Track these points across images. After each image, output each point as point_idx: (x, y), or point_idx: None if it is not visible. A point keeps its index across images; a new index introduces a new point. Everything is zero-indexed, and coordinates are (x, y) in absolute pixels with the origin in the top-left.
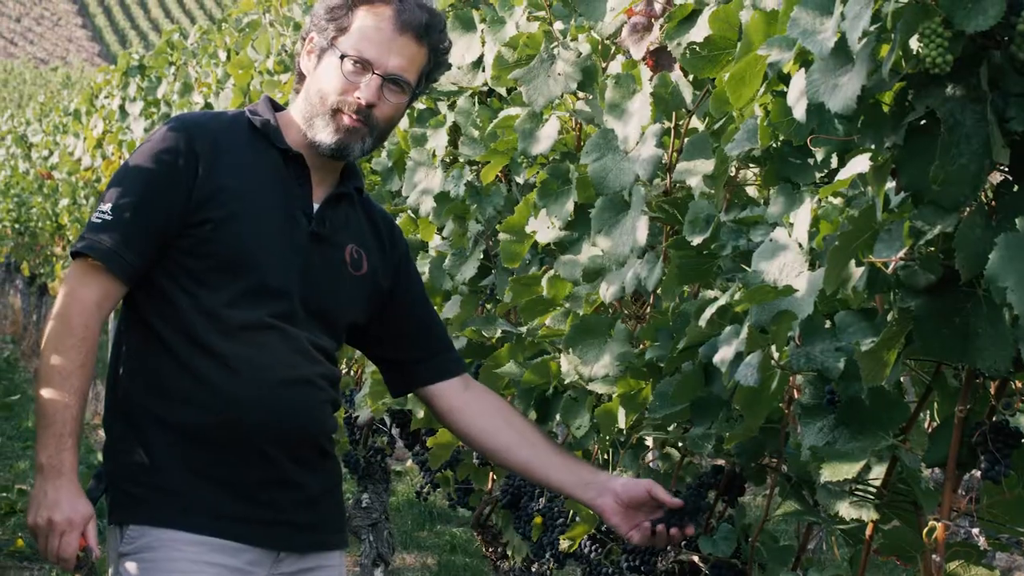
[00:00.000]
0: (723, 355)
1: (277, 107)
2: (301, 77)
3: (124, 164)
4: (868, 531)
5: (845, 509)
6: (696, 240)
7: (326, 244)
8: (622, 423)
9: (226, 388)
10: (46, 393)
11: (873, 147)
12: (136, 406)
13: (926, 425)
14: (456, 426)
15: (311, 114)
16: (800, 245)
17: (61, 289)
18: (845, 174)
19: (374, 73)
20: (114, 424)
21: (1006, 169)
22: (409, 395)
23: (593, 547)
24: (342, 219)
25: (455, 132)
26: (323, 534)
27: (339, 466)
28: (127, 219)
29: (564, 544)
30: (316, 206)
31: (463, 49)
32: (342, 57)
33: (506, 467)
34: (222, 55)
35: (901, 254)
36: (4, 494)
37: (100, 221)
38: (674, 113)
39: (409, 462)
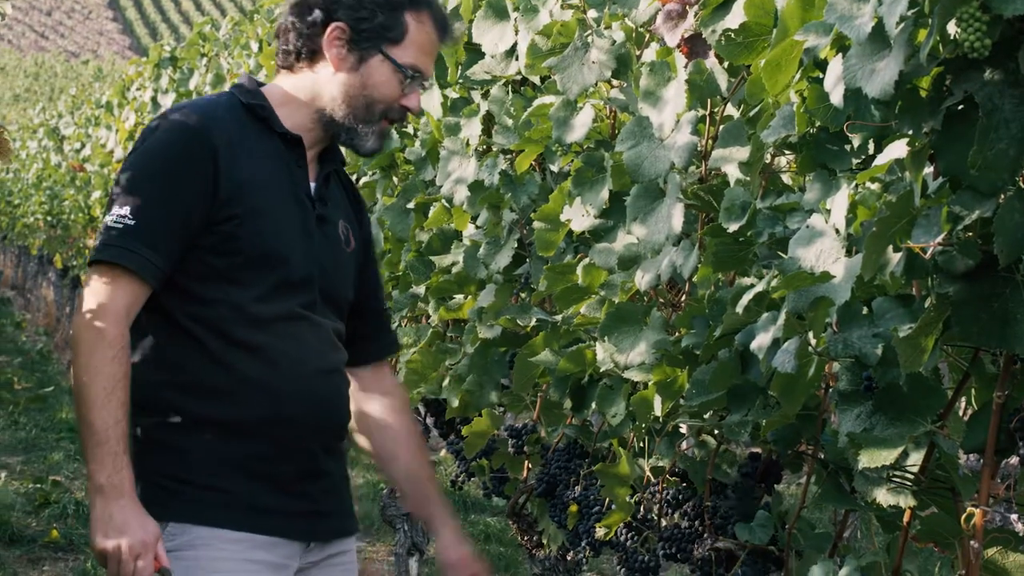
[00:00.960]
0: (760, 342)
1: (258, 84)
2: (312, 56)
3: (135, 163)
4: (905, 518)
5: (882, 496)
6: (732, 227)
7: (327, 224)
8: (658, 411)
9: (265, 382)
10: (93, 411)
11: (911, 132)
12: (165, 401)
13: (963, 411)
14: (360, 407)
15: (353, 118)
16: (837, 231)
17: (87, 298)
18: (883, 160)
19: (424, 84)
20: (140, 418)
21: None
22: (445, 384)
23: (629, 535)
24: (333, 197)
25: (489, 121)
26: (344, 520)
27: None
28: (153, 223)
29: (600, 532)
30: (312, 186)
31: (496, 38)
32: (403, 70)
33: (386, 472)
34: (254, 46)
35: (939, 239)
36: (38, 485)
37: (123, 226)
38: (709, 100)
39: (443, 452)
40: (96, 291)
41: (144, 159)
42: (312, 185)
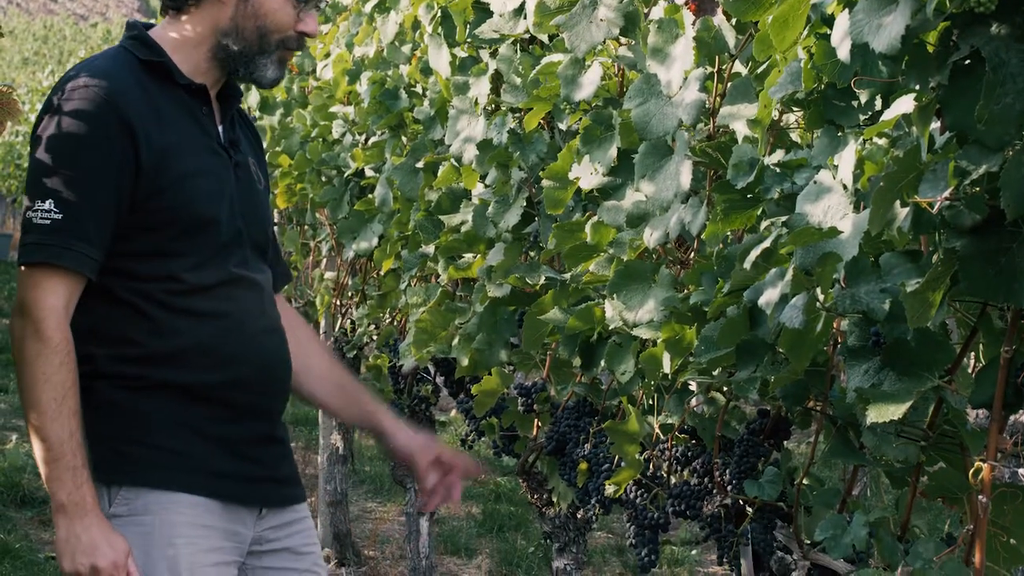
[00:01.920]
0: (768, 298)
1: (148, 29)
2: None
3: (48, 147)
4: (914, 473)
5: (891, 451)
6: (740, 184)
7: (241, 168)
8: (667, 368)
9: (212, 346)
10: (45, 424)
11: (918, 87)
12: (121, 371)
13: (971, 367)
14: None
15: (248, 52)
16: (845, 187)
17: (24, 302)
18: (889, 115)
19: (317, 6)
20: (97, 385)
21: None
22: (454, 343)
23: (639, 492)
24: (240, 137)
25: (497, 80)
26: (296, 487)
27: None
28: (81, 213)
29: (610, 490)
30: (220, 130)
31: None
32: None
33: (304, 395)
34: None
35: (946, 194)
36: None
37: (50, 222)
38: (717, 57)
39: (453, 412)
40: (33, 295)
41: (58, 143)
42: (220, 130)
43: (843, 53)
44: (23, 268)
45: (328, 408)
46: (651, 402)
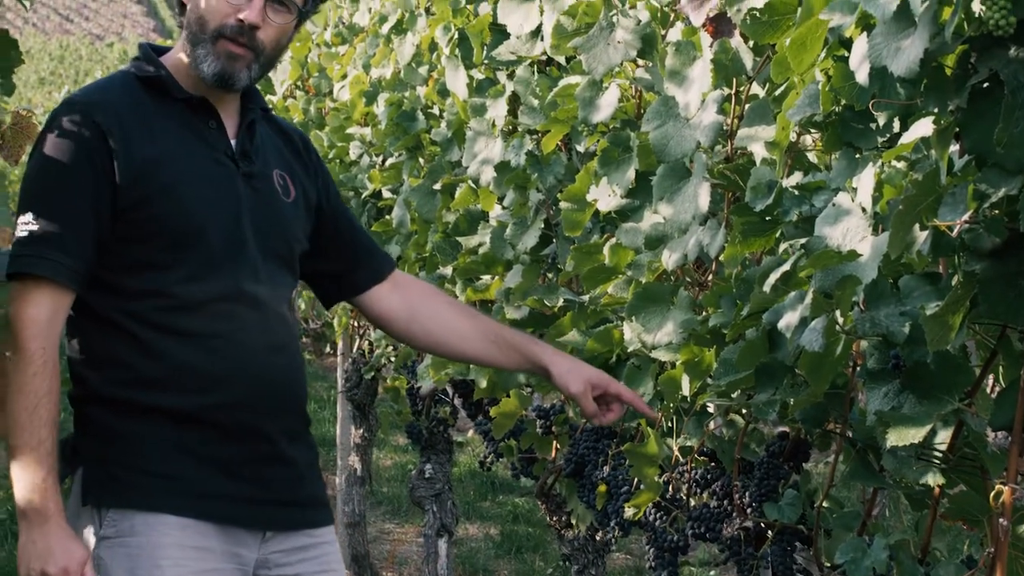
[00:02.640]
0: (788, 321)
1: (160, 50)
2: (182, 7)
3: (30, 164)
4: (934, 496)
5: (911, 474)
6: (759, 206)
7: (257, 179)
8: (686, 390)
9: (202, 368)
10: (15, 431)
11: (936, 111)
12: (107, 393)
13: (991, 389)
14: (400, 328)
15: (193, 42)
16: (864, 210)
17: (7, 311)
18: (908, 138)
19: None
20: (88, 408)
21: None
22: (472, 365)
23: (658, 515)
24: (260, 147)
25: (515, 102)
26: (309, 510)
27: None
28: (56, 223)
29: (629, 512)
30: (233, 143)
31: (522, 18)
32: None
33: (462, 359)
34: None
35: (966, 217)
36: None
37: (27, 234)
38: (735, 79)
39: (470, 432)
40: (12, 306)
41: (38, 159)
42: (233, 142)
43: (861, 76)
44: (8, 280)
45: (490, 364)
46: (670, 424)
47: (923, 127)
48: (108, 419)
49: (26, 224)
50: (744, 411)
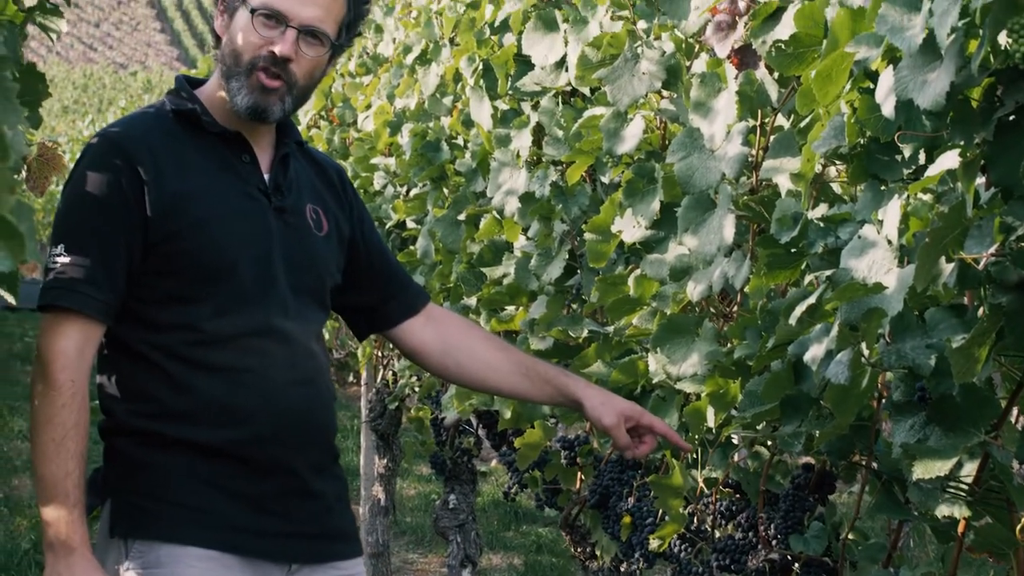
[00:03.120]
0: (814, 353)
1: (195, 82)
2: (217, 40)
3: (63, 196)
4: (960, 528)
5: (937, 506)
6: (784, 238)
7: (289, 214)
8: (711, 422)
9: (229, 403)
10: (43, 463)
11: (962, 143)
12: (137, 426)
13: (1017, 421)
14: (434, 362)
15: (227, 75)
16: (889, 242)
17: (38, 344)
18: (934, 170)
19: (288, 26)
20: (117, 440)
21: None
22: (497, 396)
23: (683, 546)
24: (294, 181)
25: (539, 132)
26: (337, 542)
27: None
28: (87, 256)
29: (654, 543)
30: (266, 177)
31: (546, 49)
32: (253, 12)
33: (495, 393)
34: None
35: (992, 250)
36: None
37: (58, 266)
38: (759, 111)
39: (493, 462)
40: (42, 338)
41: (69, 191)
42: (266, 176)
43: (887, 109)
44: (40, 312)
45: (522, 397)
46: (695, 456)
47: (949, 160)
48: (135, 450)
49: (57, 256)
50: (769, 443)
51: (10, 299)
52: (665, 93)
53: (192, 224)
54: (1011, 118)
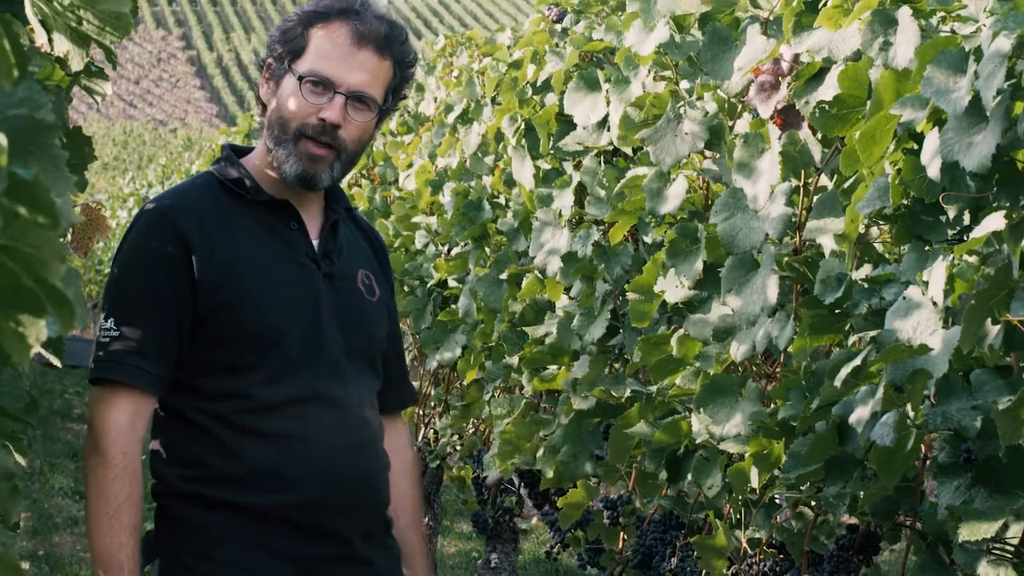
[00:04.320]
0: (859, 415)
1: (241, 151)
2: (263, 108)
3: (114, 271)
4: None
5: (983, 568)
6: (828, 299)
7: (339, 280)
8: (755, 482)
9: (277, 469)
10: (96, 535)
11: (1008, 205)
12: (187, 490)
13: None
14: None
15: (275, 143)
16: (935, 303)
17: (90, 418)
18: (980, 232)
19: (336, 92)
20: (165, 501)
21: None
22: (539, 455)
23: None
24: (344, 247)
25: (581, 192)
26: None
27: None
28: (138, 328)
29: None
30: (315, 243)
31: (588, 109)
32: (300, 79)
33: None
34: None
35: None
36: None
37: (109, 339)
38: (803, 171)
39: (535, 519)
40: (94, 410)
41: (120, 263)
42: (315, 243)
43: (933, 171)
44: (91, 384)
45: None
46: (738, 516)
47: (995, 221)
48: (184, 511)
49: (108, 330)
50: (813, 503)
51: (55, 361)
52: (708, 153)
53: (241, 294)
54: None
